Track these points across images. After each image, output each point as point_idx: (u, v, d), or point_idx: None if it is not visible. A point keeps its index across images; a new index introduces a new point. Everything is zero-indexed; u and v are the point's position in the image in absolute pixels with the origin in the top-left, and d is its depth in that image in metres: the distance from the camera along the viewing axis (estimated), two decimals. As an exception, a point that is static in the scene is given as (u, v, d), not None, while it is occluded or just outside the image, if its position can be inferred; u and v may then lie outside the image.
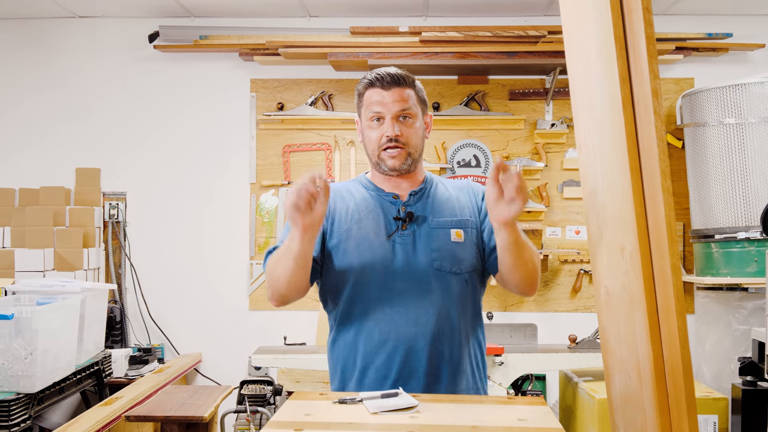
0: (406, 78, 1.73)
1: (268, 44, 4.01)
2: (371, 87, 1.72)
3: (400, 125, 1.70)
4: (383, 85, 1.70)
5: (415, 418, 1.36)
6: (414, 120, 1.73)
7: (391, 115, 1.69)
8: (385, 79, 1.70)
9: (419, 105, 1.75)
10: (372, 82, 1.72)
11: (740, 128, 3.53)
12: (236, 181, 4.23)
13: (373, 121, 1.72)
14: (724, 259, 3.56)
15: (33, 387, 2.53)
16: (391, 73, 1.71)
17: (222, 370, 4.17)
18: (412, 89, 1.74)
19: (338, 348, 1.75)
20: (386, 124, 1.70)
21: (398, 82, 1.71)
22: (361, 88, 1.76)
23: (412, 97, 1.73)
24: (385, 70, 1.72)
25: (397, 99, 1.70)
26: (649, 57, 1.20)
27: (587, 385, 3.00)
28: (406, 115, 1.71)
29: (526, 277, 1.67)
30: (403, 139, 1.70)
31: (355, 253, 1.69)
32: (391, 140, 1.69)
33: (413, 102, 1.73)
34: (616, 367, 1.40)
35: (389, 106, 1.69)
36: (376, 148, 1.72)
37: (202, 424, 2.75)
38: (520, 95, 4.17)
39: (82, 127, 4.26)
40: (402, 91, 1.71)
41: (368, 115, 1.72)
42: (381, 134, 1.71)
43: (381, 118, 1.71)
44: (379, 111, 1.70)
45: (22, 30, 4.28)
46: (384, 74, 1.71)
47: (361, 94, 1.76)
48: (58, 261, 3.86)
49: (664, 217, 1.17)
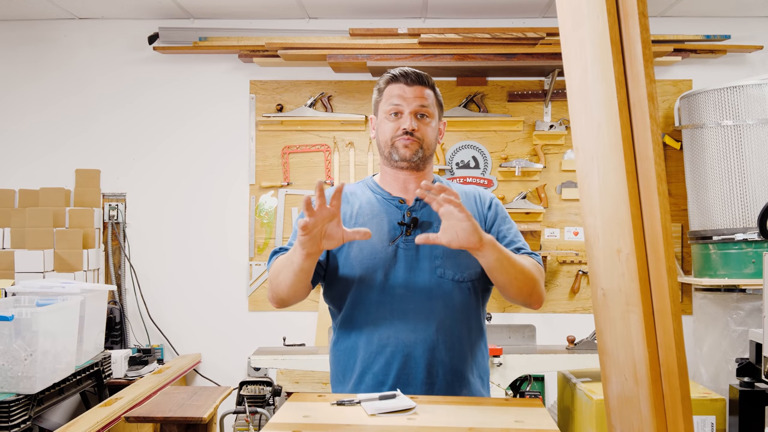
0: (428, 79, 1.75)
1: (268, 46, 4.02)
2: (394, 82, 1.74)
3: (417, 122, 1.72)
4: (407, 82, 1.72)
5: (412, 419, 1.37)
6: (431, 120, 1.74)
7: (410, 110, 1.71)
8: (409, 75, 1.73)
9: (437, 107, 1.77)
10: (395, 77, 1.74)
11: (738, 130, 3.54)
12: (235, 182, 4.24)
13: (391, 114, 1.73)
14: (721, 260, 3.57)
15: (33, 388, 2.53)
16: (415, 71, 1.74)
17: (221, 371, 4.18)
18: (432, 91, 1.76)
19: (339, 351, 1.75)
20: (404, 118, 1.72)
21: (421, 81, 1.73)
22: (382, 83, 1.77)
23: (431, 98, 1.75)
24: (408, 68, 1.75)
25: (418, 95, 1.72)
26: (645, 61, 1.21)
27: (585, 386, 3.01)
28: (424, 113, 1.73)
29: (519, 293, 1.66)
30: (419, 134, 1.72)
31: (358, 257, 1.69)
32: (407, 132, 1.70)
33: (432, 102, 1.75)
34: (613, 369, 1.41)
35: (409, 101, 1.71)
36: (390, 138, 1.73)
37: (201, 425, 2.76)
38: (519, 97, 4.18)
39: (81, 128, 4.27)
40: (423, 89, 1.73)
41: (387, 108, 1.74)
42: (398, 126, 1.72)
43: (399, 113, 1.72)
44: (399, 104, 1.72)
45: (22, 31, 4.29)
46: (409, 71, 1.74)
47: (381, 89, 1.77)
48: (58, 262, 3.87)
49: (660, 220, 1.18)
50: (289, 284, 1.63)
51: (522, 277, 1.64)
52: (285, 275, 1.62)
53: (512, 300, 1.72)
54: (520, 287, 1.65)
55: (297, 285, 1.62)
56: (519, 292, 1.66)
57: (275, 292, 1.68)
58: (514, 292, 1.66)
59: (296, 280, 1.60)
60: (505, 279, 1.62)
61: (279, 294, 1.67)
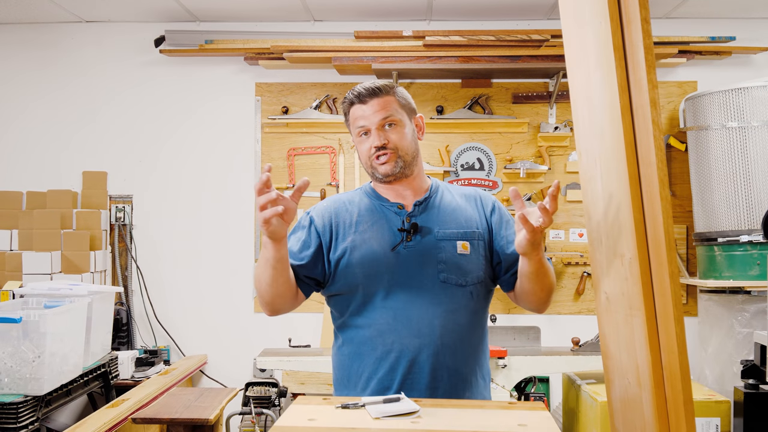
0: (382, 87, 1.75)
1: (273, 48, 4.04)
2: (352, 105, 1.76)
3: (385, 133, 1.72)
4: (361, 100, 1.73)
5: (416, 423, 1.38)
6: (399, 126, 1.74)
7: (375, 126, 1.72)
8: (362, 93, 1.73)
9: (402, 110, 1.76)
10: (352, 101, 1.75)
11: (743, 132, 3.53)
12: (241, 184, 4.26)
13: (360, 135, 1.75)
14: (726, 262, 3.57)
15: (41, 389, 2.56)
16: (367, 87, 1.74)
17: (227, 372, 4.20)
18: (392, 96, 1.75)
19: (343, 356, 1.76)
20: (372, 135, 1.72)
21: (375, 93, 1.73)
22: (345, 108, 1.79)
23: (392, 104, 1.74)
24: (361, 85, 1.75)
25: (377, 109, 1.72)
26: (648, 67, 1.22)
27: (590, 388, 3.01)
28: (390, 123, 1.73)
29: (540, 300, 1.72)
30: (391, 145, 1.72)
31: (360, 264, 1.70)
32: (379, 148, 1.71)
33: (395, 108, 1.74)
34: (616, 372, 1.41)
35: (371, 118, 1.72)
36: (368, 159, 1.75)
37: (207, 426, 2.77)
38: (524, 98, 4.19)
39: (89, 130, 4.30)
40: (380, 100, 1.73)
41: (356, 131, 1.76)
42: (369, 146, 1.73)
43: (367, 132, 1.74)
44: (364, 125, 1.73)
45: (30, 34, 4.32)
46: (360, 90, 1.74)
47: (346, 114, 1.79)
48: (65, 263, 3.89)
49: (662, 224, 1.18)
50: (268, 283, 1.63)
51: (549, 287, 1.70)
52: (264, 275, 1.63)
53: (525, 304, 1.77)
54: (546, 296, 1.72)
55: (277, 280, 1.63)
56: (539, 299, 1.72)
57: (261, 298, 1.70)
58: (535, 300, 1.72)
59: (275, 274, 1.61)
60: (535, 287, 1.68)
61: (264, 297, 1.69)
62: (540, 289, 1.68)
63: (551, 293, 1.73)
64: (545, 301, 1.73)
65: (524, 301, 1.75)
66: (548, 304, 1.75)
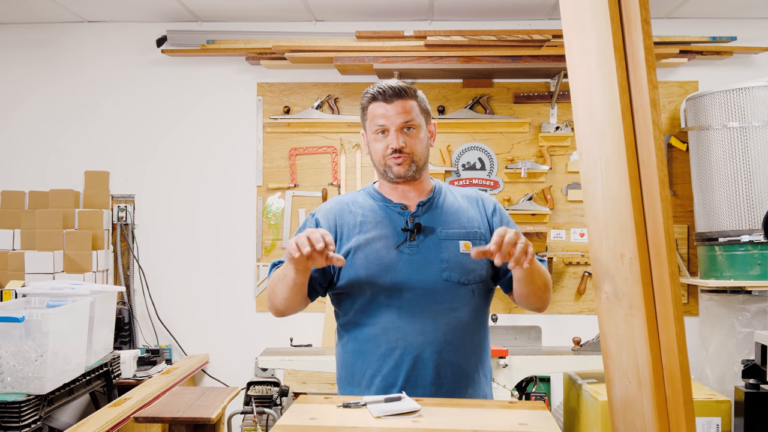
0: (408, 90, 1.75)
1: (275, 48, 4.05)
2: (374, 101, 1.75)
3: (404, 136, 1.72)
4: (386, 99, 1.73)
5: (417, 422, 1.39)
6: (417, 130, 1.75)
7: (395, 128, 1.72)
8: (387, 92, 1.72)
9: (422, 115, 1.77)
10: (375, 96, 1.74)
11: (744, 132, 3.54)
12: (243, 183, 4.27)
13: (378, 134, 1.75)
14: (727, 262, 3.57)
15: (43, 388, 2.56)
16: (393, 86, 1.73)
17: (229, 371, 4.20)
18: (415, 100, 1.76)
19: (347, 354, 1.78)
20: (391, 136, 1.72)
21: (400, 95, 1.73)
22: (364, 102, 1.78)
23: (415, 109, 1.75)
24: (387, 83, 1.74)
25: (400, 111, 1.72)
26: (648, 67, 1.22)
27: (591, 387, 3.02)
28: (410, 126, 1.73)
29: (537, 301, 1.75)
30: (408, 150, 1.73)
31: (364, 264, 1.71)
32: (396, 151, 1.72)
33: (416, 113, 1.75)
34: (617, 372, 1.42)
35: (393, 119, 1.72)
36: (382, 158, 1.75)
37: (209, 425, 2.78)
38: (525, 98, 4.19)
39: (91, 130, 4.31)
40: (405, 103, 1.73)
41: (373, 129, 1.75)
42: (386, 145, 1.73)
43: (386, 131, 1.73)
44: (384, 124, 1.73)
45: (32, 34, 4.33)
46: (386, 87, 1.73)
47: (364, 108, 1.78)
48: (68, 263, 3.90)
49: (662, 224, 1.19)
50: (284, 297, 1.69)
51: (543, 287, 1.73)
52: (281, 289, 1.69)
53: (524, 306, 1.79)
54: (541, 296, 1.74)
55: (292, 298, 1.69)
56: (536, 300, 1.74)
57: (272, 303, 1.76)
58: (531, 300, 1.74)
59: (291, 293, 1.67)
60: (529, 290, 1.70)
61: (276, 305, 1.75)
62: (535, 289, 1.70)
63: (547, 292, 1.76)
64: (542, 299, 1.75)
65: (522, 302, 1.77)
66: (547, 302, 1.77)
